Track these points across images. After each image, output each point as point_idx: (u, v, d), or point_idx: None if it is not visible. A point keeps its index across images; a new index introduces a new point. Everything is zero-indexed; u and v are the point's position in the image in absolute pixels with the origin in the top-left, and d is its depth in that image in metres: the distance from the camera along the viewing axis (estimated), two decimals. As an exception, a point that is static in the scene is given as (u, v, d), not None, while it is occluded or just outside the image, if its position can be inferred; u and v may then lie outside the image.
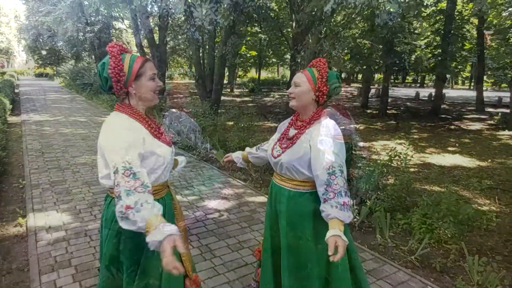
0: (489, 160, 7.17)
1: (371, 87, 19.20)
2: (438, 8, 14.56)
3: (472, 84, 33.80)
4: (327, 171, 1.57)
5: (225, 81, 26.66)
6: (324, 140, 1.62)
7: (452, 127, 11.46)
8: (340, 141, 1.68)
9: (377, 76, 28.41)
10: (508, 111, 11.55)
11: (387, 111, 14.04)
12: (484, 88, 17.67)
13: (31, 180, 4.65)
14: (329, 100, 1.94)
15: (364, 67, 15.08)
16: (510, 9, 8.86)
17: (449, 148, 8.25)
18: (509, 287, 2.74)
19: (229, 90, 25.17)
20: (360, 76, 26.77)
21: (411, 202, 4.03)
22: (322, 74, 1.70)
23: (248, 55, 25.87)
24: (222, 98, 13.92)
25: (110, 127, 1.48)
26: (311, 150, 1.66)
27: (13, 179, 4.76)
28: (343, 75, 42.84)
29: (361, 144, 4.97)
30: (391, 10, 5.40)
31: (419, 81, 39.06)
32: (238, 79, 30.00)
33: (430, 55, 15.88)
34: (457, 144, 8.73)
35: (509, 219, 4.12)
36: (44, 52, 35.97)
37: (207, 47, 10.42)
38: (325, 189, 1.57)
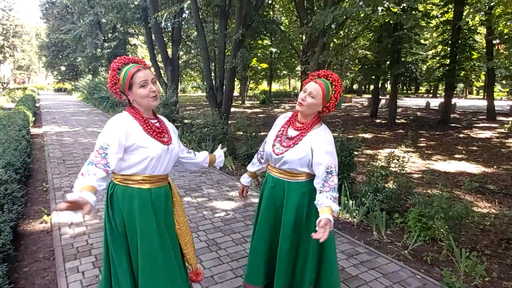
0: (495, 167, 7.24)
1: (381, 97, 19.32)
2: (445, 19, 14.74)
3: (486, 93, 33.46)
4: (326, 170, 1.88)
5: (237, 93, 27.17)
6: (325, 145, 1.91)
7: (461, 135, 11.48)
8: (334, 146, 1.96)
9: (388, 87, 28.48)
10: (519, 119, 11.52)
11: (396, 121, 14.12)
12: (498, 97, 17.60)
13: (53, 184, 5.03)
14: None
15: (373, 77, 15.31)
16: (514, 18, 9.00)
17: (456, 156, 8.32)
18: (497, 279, 2.90)
19: (240, 102, 25.61)
20: (372, 86, 26.96)
21: (411, 204, 4.22)
22: (336, 97, 1.88)
23: (259, 67, 26.33)
24: (233, 109, 14.30)
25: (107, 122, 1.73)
26: (313, 152, 1.91)
27: (37, 183, 5.15)
28: (354, 87, 43.07)
29: None
30: (391, 22, 5.67)
31: (431, 91, 38.89)
32: (249, 91, 30.46)
33: (438, 65, 16.01)
34: (464, 152, 8.79)
35: (507, 220, 4.24)
36: (63, 68, 37.52)
37: (217, 60, 10.87)
38: (323, 184, 1.89)
